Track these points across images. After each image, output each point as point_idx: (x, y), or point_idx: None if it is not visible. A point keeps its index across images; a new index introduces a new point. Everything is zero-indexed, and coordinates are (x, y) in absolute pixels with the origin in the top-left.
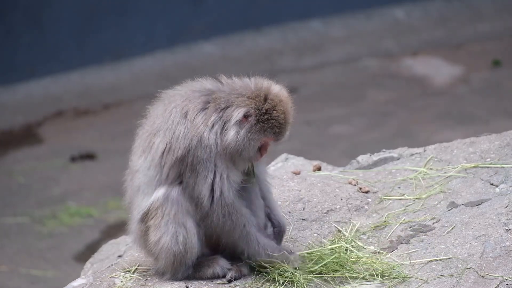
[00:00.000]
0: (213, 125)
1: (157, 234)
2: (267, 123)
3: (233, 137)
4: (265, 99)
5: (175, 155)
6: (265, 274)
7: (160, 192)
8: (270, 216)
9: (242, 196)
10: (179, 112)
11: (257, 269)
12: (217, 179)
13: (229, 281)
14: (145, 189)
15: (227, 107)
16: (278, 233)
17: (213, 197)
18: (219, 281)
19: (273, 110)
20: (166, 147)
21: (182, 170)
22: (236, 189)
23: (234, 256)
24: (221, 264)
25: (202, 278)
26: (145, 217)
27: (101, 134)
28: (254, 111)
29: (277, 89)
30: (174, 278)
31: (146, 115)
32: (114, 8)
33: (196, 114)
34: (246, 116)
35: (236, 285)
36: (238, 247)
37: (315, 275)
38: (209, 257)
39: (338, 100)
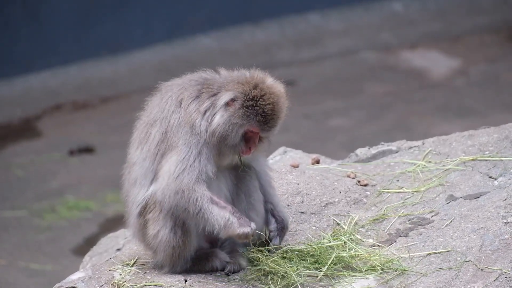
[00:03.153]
0: (205, 112)
1: (156, 227)
2: (251, 109)
3: (218, 120)
4: (255, 87)
5: (169, 143)
6: (261, 269)
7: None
8: (273, 212)
9: (240, 189)
10: (174, 101)
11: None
12: (195, 164)
13: (227, 274)
14: (142, 180)
15: (218, 92)
16: (281, 229)
17: (178, 175)
18: (217, 274)
19: (260, 98)
20: (162, 136)
21: (168, 151)
22: (204, 180)
23: (233, 249)
24: (220, 257)
25: (200, 271)
26: (143, 211)
27: (99, 128)
28: (240, 95)
29: (271, 81)
30: (173, 271)
31: (144, 107)
32: (112, 1)
33: (190, 102)
34: (232, 100)
35: (235, 278)
36: (199, 225)
37: (314, 269)
38: (207, 251)
39: (336, 93)
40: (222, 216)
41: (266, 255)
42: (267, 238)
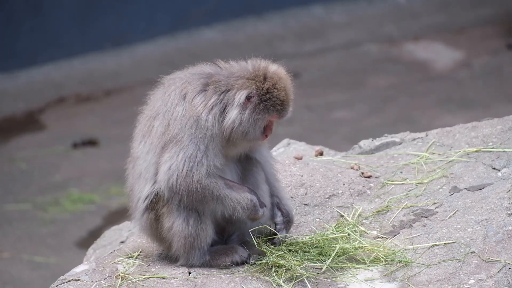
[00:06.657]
0: (212, 107)
1: (171, 219)
2: (269, 102)
3: (237, 119)
4: (265, 78)
5: (171, 134)
6: (265, 263)
7: None
8: (279, 206)
9: (247, 181)
10: (178, 94)
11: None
12: (203, 160)
13: (242, 263)
14: (146, 174)
15: (228, 90)
16: (287, 222)
17: (187, 173)
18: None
19: (274, 88)
20: (164, 129)
21: (171, 145)
22: (213, 171)
23: (241, 240)
24: (240, 252)
25: (219, 266)
26: (153, 206)
27: (102, 120)
28: (256, 91)
29: (275, 68)
30: (190, 264)
31: (147, 101)
32: None
33: (195, 95)
34: (248, 98)
35: (239, 270)
36: (217, 212)
37: (317, 261)
38: (226, 246)
39: (339, 85)
40: (243, 198)
41: (272, 248)
42: (273, 230)
